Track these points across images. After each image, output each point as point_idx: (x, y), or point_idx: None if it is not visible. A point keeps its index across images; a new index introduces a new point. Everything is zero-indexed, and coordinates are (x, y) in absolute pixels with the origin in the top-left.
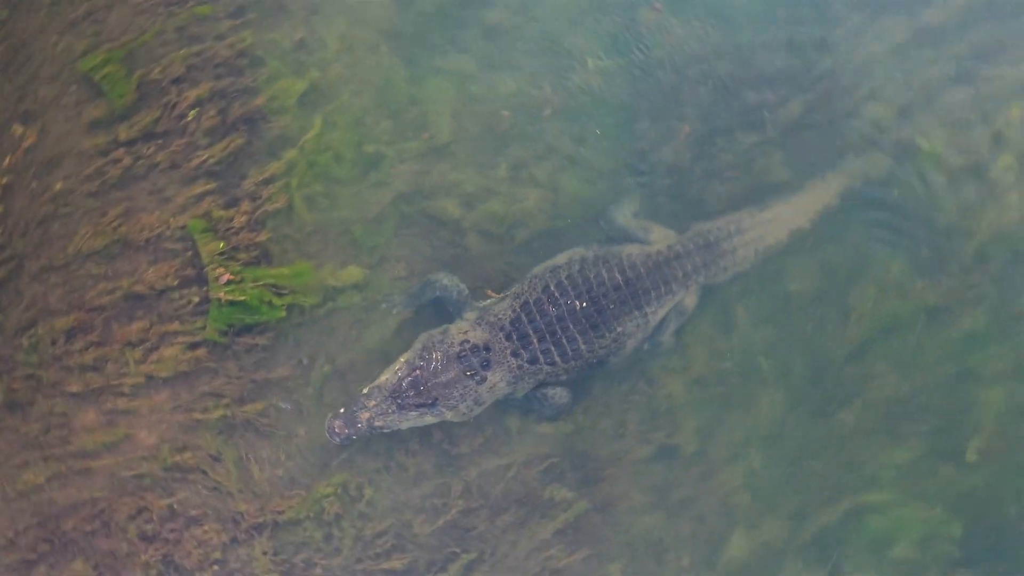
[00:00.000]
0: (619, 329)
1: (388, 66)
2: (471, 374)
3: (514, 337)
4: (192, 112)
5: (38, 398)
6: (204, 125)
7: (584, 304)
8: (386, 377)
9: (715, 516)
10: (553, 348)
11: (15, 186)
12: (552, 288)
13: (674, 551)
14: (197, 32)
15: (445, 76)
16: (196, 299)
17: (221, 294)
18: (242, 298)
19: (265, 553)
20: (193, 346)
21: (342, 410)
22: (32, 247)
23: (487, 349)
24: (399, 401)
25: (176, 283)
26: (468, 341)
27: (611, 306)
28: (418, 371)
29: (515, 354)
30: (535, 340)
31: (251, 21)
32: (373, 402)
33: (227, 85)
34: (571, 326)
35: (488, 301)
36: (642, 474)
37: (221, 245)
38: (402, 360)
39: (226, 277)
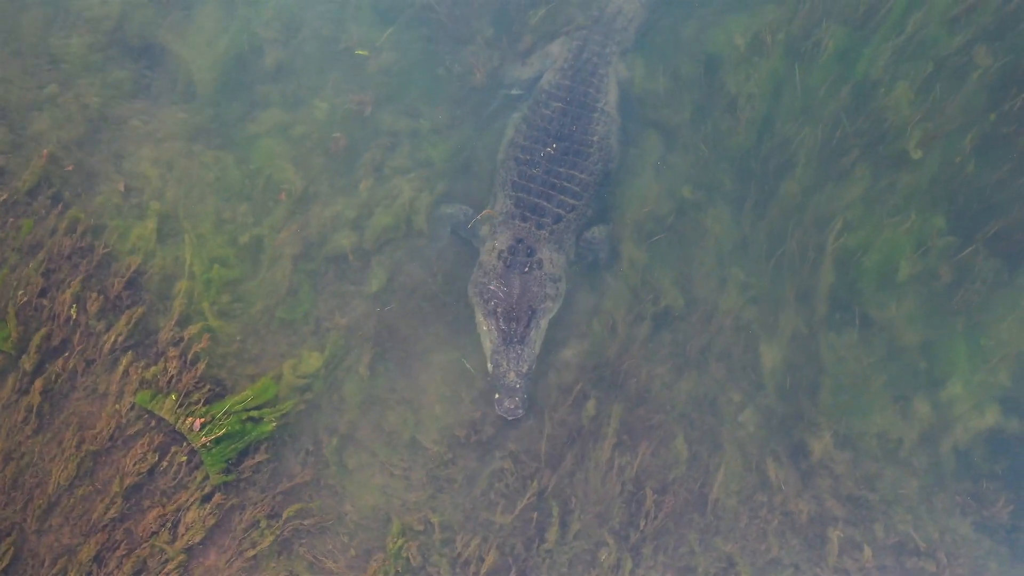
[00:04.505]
0: (595, 137)
1: (212, 160)
2: (528, 269)
3: (527, 214)
4: (73, 308)
5: None
6: (91, 311)
7: (554, 144)
8: (488, 340)
9: (736, 345)
10: (563, 196)
11: None
12: (521, 156)
13: (722, 395)
14: (32, 240)
15: (265, 135)
16: (184, 458)
17: (203, 439)
18: (222, 432)
19: None
20: (207, 498)
21: (497, 395)
22: (19, 510)
23: (519, 241)
24: (514, 340)
25: (157, 456)
26: (502, 251)
27: (573, 127)
28: (499, 309)
29: (540, 226)
30: (545, 202)
31: (71, 200)
32: (504, 364)
33: (88, 267)
34: (561, 169)
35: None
36: (655, 350)
37: (173, 397)
38: (481, 318)
39: (198, 423)
